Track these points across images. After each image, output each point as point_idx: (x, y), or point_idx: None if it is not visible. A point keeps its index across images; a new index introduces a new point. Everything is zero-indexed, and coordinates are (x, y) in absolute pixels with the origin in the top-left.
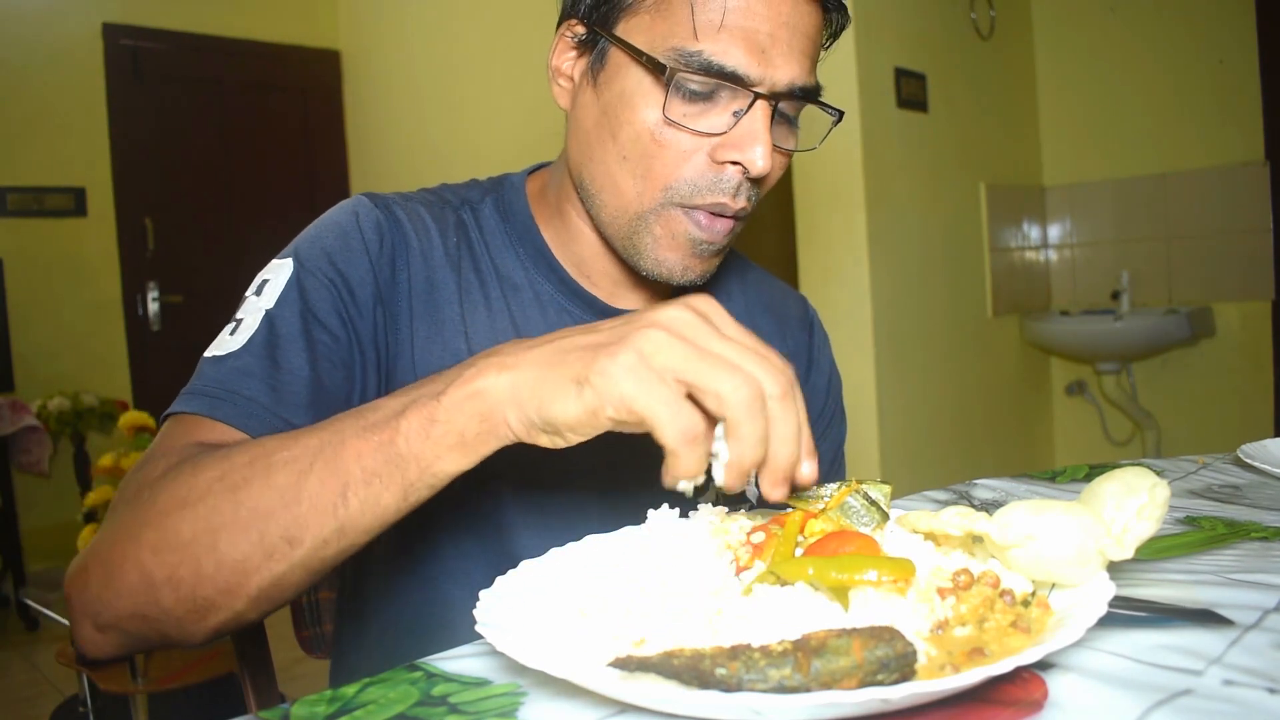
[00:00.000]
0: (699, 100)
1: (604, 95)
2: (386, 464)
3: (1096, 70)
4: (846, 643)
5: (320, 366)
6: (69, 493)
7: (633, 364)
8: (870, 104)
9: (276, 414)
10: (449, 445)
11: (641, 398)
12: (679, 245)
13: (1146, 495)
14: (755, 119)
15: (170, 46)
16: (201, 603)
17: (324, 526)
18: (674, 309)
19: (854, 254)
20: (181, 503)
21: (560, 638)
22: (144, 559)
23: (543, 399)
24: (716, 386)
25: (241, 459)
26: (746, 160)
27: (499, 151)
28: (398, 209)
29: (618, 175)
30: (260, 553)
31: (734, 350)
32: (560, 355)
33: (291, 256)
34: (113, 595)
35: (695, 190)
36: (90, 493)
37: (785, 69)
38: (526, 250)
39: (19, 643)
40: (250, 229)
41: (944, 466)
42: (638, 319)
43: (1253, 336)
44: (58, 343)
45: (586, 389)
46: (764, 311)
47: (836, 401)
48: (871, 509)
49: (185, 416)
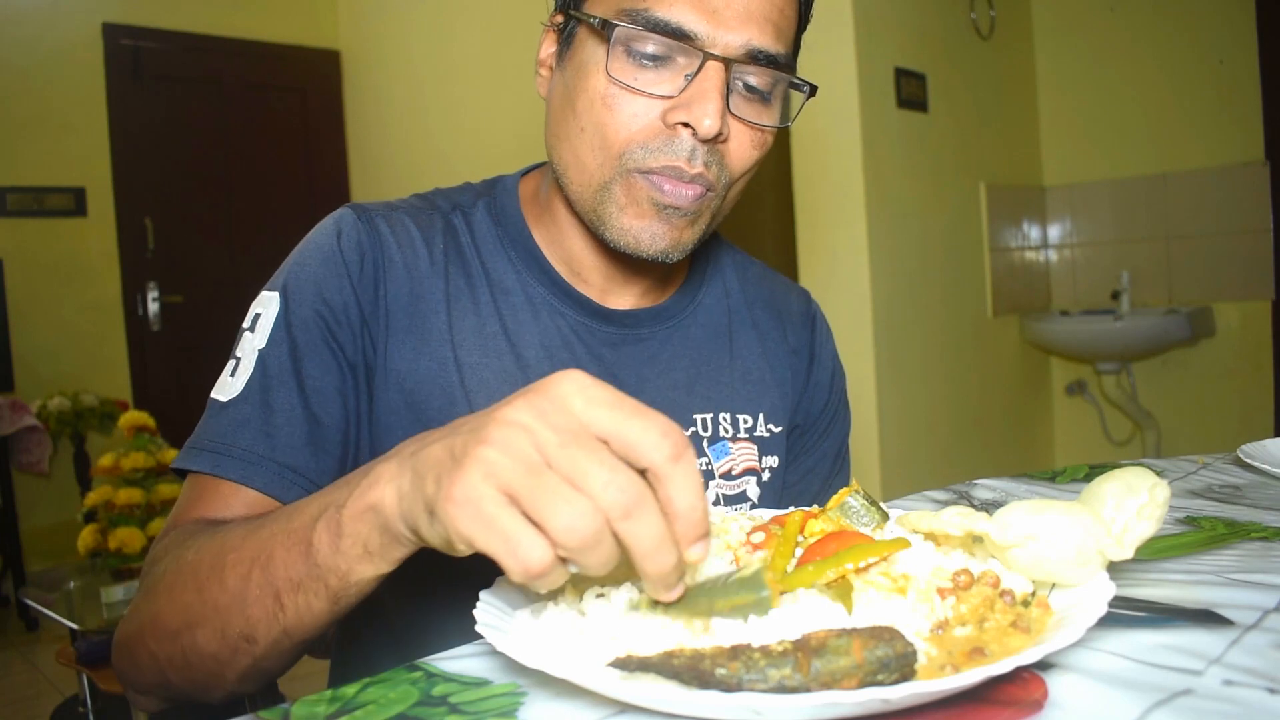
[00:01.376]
0: (652, 65)
1: (567, 72)
2: (308, 575)
3: (1096, 70)
4: (847, 643)
5: (312, 402)
6: (69, 493)
7: (468, 496)
8: (870, 104)
9: (274, 459)
10: (356, 557)
11: (480, 537)
12: (644, 211)
13: (1146, 495)
14: (706, 79)
15: (170, 46)
16: (199, 684)
17: (271, 629)
18: (520, 408)
19: (854, 254)
20: (168, 593)
21: (560, 638)
22: (150, 644)
23: (411, 518)
24: (549, 521)
25: (208, 554)
26: (694, 119)
27: (499, 151)
28: (381, 222)
29: (579, 148)
30: (227, 649)
31: (580, 458)
32: (422, 469)
33: (279, 290)
34: (136, 673)
35: (647, 153)
36: (90, 493)
37: (740, 30)
38: (518, 253)
39: (19, 643)
40: (250, 229)
41: (944, 466)
42: (491, 419)
43: (1253, 336)
44: (58, 343)
45: (435, 521)
46: (764, 308)
47: (840, 397)
48: (871, 509)
49: (197, 476)
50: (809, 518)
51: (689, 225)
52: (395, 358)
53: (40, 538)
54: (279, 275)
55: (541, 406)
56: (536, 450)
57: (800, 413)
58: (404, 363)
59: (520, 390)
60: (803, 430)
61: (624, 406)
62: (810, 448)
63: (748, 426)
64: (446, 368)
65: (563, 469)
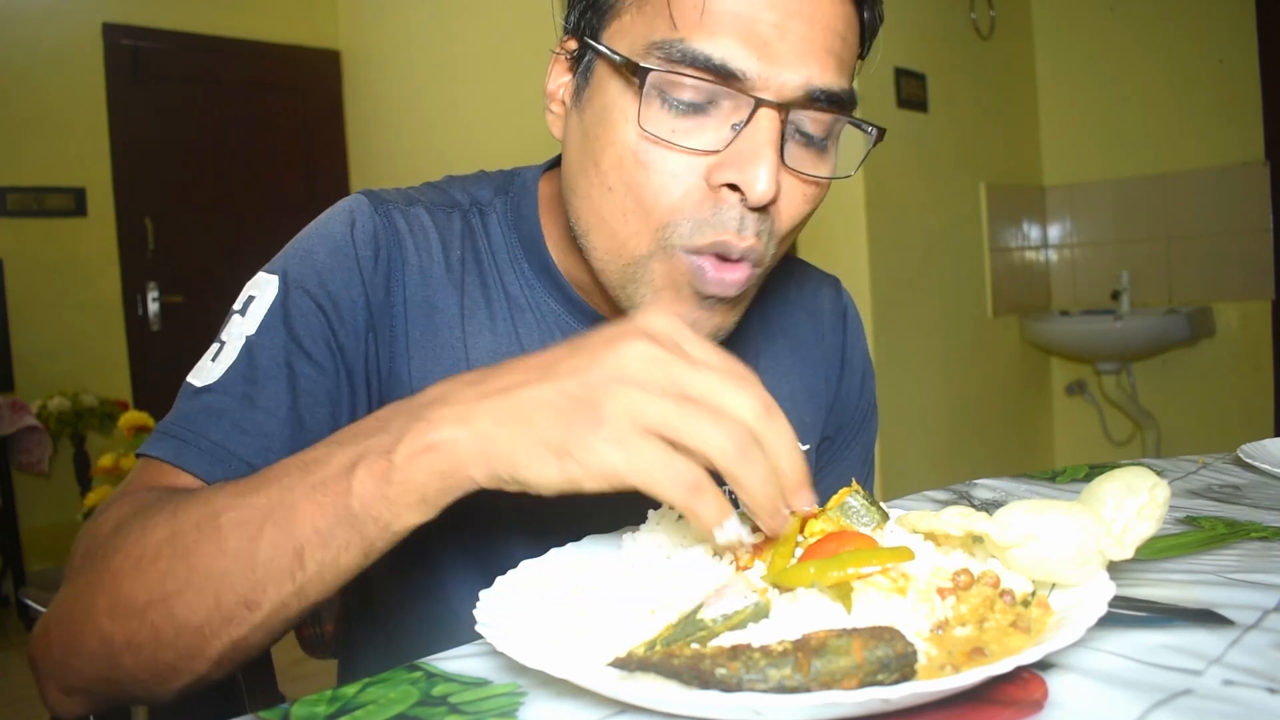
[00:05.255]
0: (691, 113)
1: (586, 115)
2: (342, 525)
3: (1096, 70)
4: (847, 643)
5: (301, 403)
6: (69, 493)
7: (614, 435)
8: (870, 104)
9: (244, 459)
10: (408, 504)
11: (634, 470)
12: (683, 298)
13: (1146, 495)
14: (757, 130)
15: (170, 46)
16: (163, 667)
17: (282, 590)
18: (636, 346)
19: (854, 254)
20: (135, 565)
21: (560, 638)
22: (102, 624)
23: (515, 463)
24: (701, 442)
25: (190, 518)
26: (744, 182)
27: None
28: (398, 217)
29: (605, 212)
30: (219, 618)
31: (710, 382)
32: (525, 413)
33: (279, 273)
34: (76, 660)
35: (696, 227)
36: (90, 493)
37: (798, 68)
38: (533, 265)
39: (19, 643)
40: (250, 229)
41: (944, 466)
42: (599, 362)
43: (1253, 336)
44: (58, 343)
45: (569, 462)
46: (796, 309)
47: (870, 400)
48: (871, 509)
49: (151, 462)
50: (809, 517)
51: (731, 309)
52: (403, 369)
53: (40, 538)
54: (280, 258)
55: (651, 353)
56: (665, 389)
57: (830, 424)
58: (415, 376)
59: (616, 328)
60: (832, 440)
61: (719, 351)
62: (838, 455)
63: None
64: None
65: (700, 395)
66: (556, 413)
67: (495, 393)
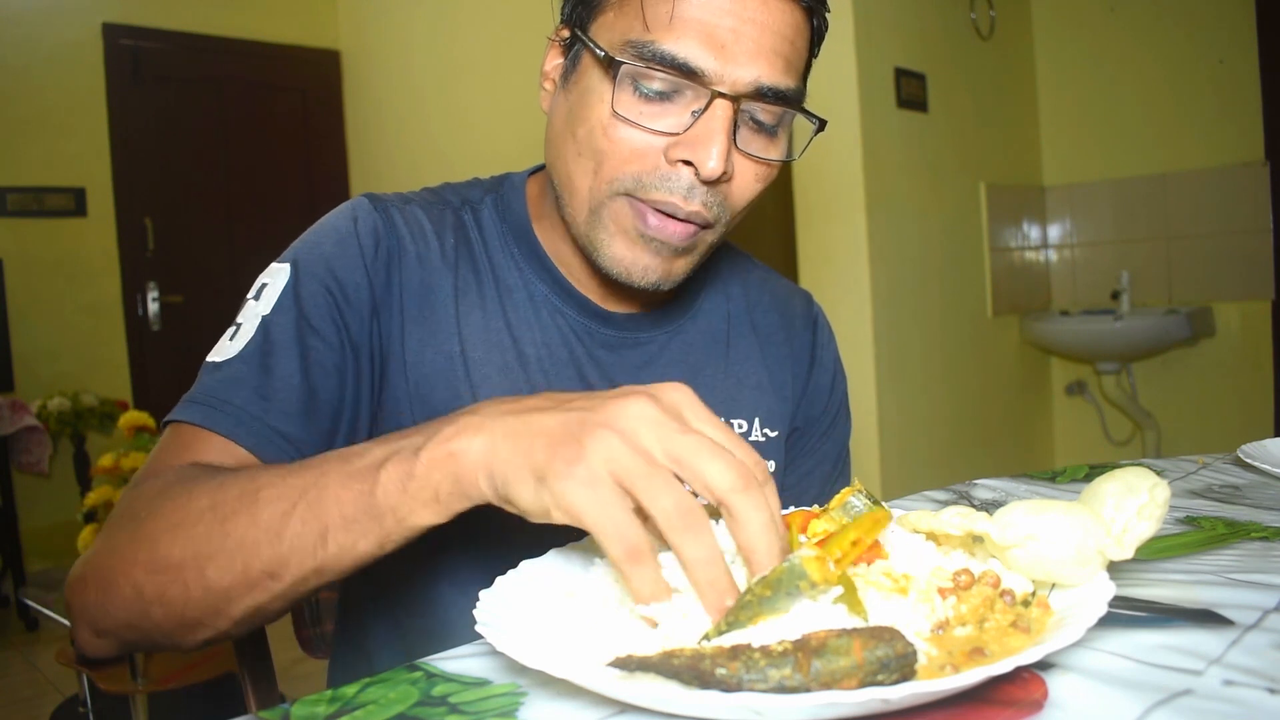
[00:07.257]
0: (658, 100)
1: (571, 95)
2: (365, 513)
3: (1096, 70)
4: (847, 643)
5: (313, 373)
6: (69, 493)
7: (587, 476)
8: (870, 104)
9: (266, 422)
10: (423, 501)
11: (588, 513)
12: (631, 241)
13: (1146, 495)
14: (713, 117)
15: (170, 46)
16: (189, 621)
17: (303, 565)
18: (639, 403)
19: (854, 254)
20: (175, 526)
21: (560, 638)
22: (137, 576)
23: (506, 479)
24: (651, 502)
25: (233, 490)
26: (697, 159)
27: (499, 151)
28: (396, 214)
29: (574, 172)
30: (244, 583)
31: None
32: (528, 435)
33: (290, 262)
34: (109, 606)
35: (640, 184)
36: (90, 493)
37: (749, 66)
38: (522, 251)
39: (19, 643)
40: (250, 229)
41: (944, 466)
42: (603, 408)
43: (1253, 336)
44: (58, 343)
45: (543, 489)
46: (766, 312)
47: (841, 400)
48: (873, 509)
49: (182, 426)
50: (810, 517)
51: (680, 257)
52: (400, 345)
53: (40, 538)
54: (290, 250)
55: (649, 413)
56: (658, 443)
57: (800, 416)
58: (411, 353)
59: (633, 387)
60: (802, 432)
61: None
62: (809, 450)
63: (742, 431)
64: (453, 361)
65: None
66: (550, 441)
67: (514, 413)
